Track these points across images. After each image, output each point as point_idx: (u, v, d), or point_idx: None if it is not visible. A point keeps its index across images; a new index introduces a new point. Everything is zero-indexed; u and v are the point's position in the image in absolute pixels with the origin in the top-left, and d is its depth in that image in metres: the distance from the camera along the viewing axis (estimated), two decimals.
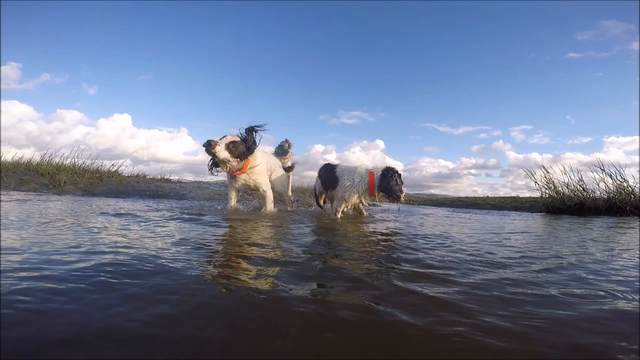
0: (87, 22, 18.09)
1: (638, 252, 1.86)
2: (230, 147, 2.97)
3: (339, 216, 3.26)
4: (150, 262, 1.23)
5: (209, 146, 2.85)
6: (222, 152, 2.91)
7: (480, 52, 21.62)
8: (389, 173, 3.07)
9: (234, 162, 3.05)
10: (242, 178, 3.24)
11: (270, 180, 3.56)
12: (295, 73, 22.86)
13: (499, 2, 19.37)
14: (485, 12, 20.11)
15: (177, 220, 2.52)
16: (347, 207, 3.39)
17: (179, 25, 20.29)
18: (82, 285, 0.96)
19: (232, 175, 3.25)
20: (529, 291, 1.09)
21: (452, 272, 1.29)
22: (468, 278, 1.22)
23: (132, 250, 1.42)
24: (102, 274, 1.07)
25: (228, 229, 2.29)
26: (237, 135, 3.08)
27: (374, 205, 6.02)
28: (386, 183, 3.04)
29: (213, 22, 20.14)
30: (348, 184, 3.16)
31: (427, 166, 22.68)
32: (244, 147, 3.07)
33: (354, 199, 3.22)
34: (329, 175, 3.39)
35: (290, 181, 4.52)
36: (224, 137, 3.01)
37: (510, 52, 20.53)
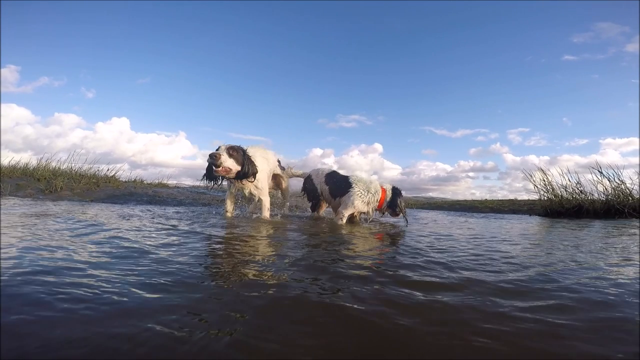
0: (85, 25, 18.19)
1: None
2: (231, 152, 3.00)
3: (344, 221, 3.34)
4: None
5: (212, 158, 2.92)
6: (226, 161, 2.96)
7: (478, 55, 21.88)
8: (397, 192, 3.47)
9: (236, 168, 3.05)
10: (244, 185, 3.25)
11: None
12: (294, 76, 23.04)
13: (496, 5, 19.62)
14: (482, 15, 20.38)
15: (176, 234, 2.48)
16: (354, 214, 3.49)
17: (178, 28, 20.43)
18: None
19: (232, 181, 3.23)
20: None
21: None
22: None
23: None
24: None
25: (220, 243, 2.25)
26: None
27: None
28: (395, 203, 3.43)
29: (212, 25, 20.30)
30: (363, 193, 3.34)
31: (425, 169, 22.80)
32: (242, 155, 3.10)
33: (364, 208, 3.38)
34: (341, 182, 3.49)
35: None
36: (217, 147, 3.03)
37: (507, 55, 20.79)
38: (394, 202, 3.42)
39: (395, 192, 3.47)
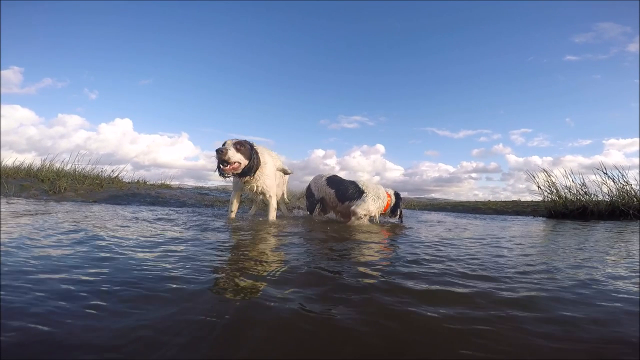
0: (88, 26, 18.29)
1: None
2: (238, 147, 2.97)
3: (364, 220, 3.54)
4: None
5: (219, 153, 2.86)
6: (234, 155, 2.91)
7: (479, 56, 21.85)
8: (399, 197, 3.77)
9: (244, 163, 3.00)
10: (252, 182, 3.19)
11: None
12: (295, 77, 23.09)
13: (497, 5, 19.60)
14: (483, 16, 20.35)
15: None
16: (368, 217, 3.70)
17: (180, 29, 20.51)
18: None
19: (237, 180, 3.20)
20: None
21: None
22: None
23: None
24: None
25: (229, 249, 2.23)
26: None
27: None
28: (397, 206, 3.74)
29: (213, 26, 20.37)
30: (375, 198, 3.55)
31: (428, 170, 22.74)
32: (250, 149, 3.06)
33: (374, 212, 3.59)
34: (349, 187, 3.62)
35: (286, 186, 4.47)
36: (224, 142, 3.00)
37: (509, 55, 20.75)
38: (396, 205, 3.75)
39: (398, 197, 3.77)
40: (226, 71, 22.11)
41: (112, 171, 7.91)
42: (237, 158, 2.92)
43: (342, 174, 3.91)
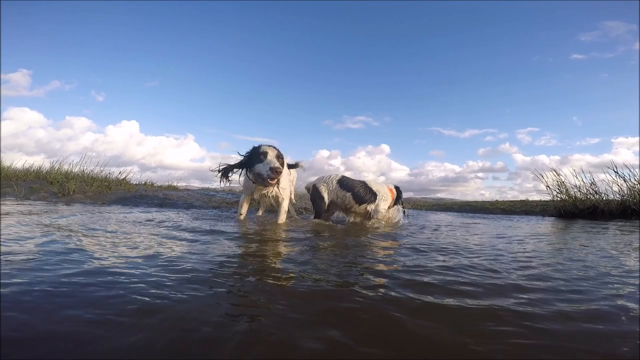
0: (96, 29, 18.50)
1: None
2: (279, 160, 2.94)
3: (391, 214, 3.82)
4: None
5: (276, 173, 2.82)
6: (280, 167, 2.88)
7: (484, 55, 21.72)
8: (399, 189, 4.04)
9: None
10: (273, 189, 3.14)
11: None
12: (299, 78, 23.15)
13: (501, 5, 19.46)
14: (487, 15, 20.23)
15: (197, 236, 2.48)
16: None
17: (185, 31, 20.67)
18: None
19: (253, 185, 3.15)
20: None
21: None
22: None
23: None
24: None
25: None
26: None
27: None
28: (399, 199, 4.00)
29: (218, 28, 20.51)
30: (385, 197, 3.78)
31: (433, 170, 22.61)
32: (283, 160, 3.05)
33: (387, 209, 3.80)
34: (364, 189, 3.75)
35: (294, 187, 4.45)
36: (264, 151, 2.93)
37: (514, 55, 20.61)
38: (398, 198, 4.02)
39: (398, 190, 4.07)
40: (231, 73, 22.28)
41: (120, 173, 7.99)
42: (280, 171, 2.90)
43: (347, 175, 3.88)
